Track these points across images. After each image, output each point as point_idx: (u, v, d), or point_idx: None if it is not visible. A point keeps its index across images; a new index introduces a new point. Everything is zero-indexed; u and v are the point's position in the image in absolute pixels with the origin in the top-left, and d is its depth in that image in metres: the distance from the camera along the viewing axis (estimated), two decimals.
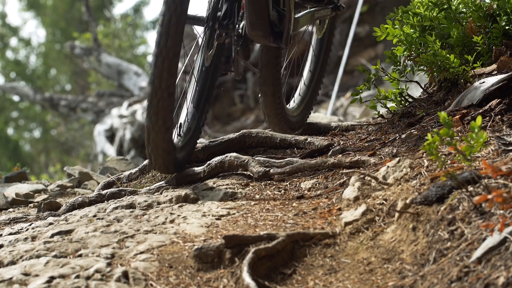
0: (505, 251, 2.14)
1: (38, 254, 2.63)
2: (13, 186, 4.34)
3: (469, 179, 2.51)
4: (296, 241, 2.60)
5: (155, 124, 3.27)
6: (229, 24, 3.44)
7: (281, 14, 3.70)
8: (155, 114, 3.26)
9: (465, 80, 3.71)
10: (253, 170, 3.47)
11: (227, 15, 3.47)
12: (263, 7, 3.59)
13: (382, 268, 2.44)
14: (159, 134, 3.27)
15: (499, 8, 3.77)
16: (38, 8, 23.43)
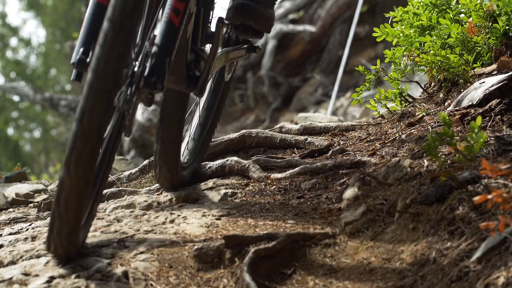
0: (505, 251, 2.14)
1: (38, 254, 2.63)
2: (13, 186, 4.34)
3: (469, 179, 2.51)
4: (296, 241, 2.60)
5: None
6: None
7: (198, 55, 3.09)
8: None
9: (465, 80, 3.71)
10: (254, 175, 3.46)
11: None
12: (182, 47, 2.95)
13: (382, 268, 2.44)
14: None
15: (499, 8, 3.77)
16: (38, 8, 23.42)
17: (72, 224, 2.42)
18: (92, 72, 2.33)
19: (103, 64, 2.32)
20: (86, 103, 2.32)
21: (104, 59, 2.32)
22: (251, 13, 3.24)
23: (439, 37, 3.83)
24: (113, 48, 2.32)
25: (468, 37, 3.82)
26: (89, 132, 2.33)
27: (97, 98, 2.32)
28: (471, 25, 3.82)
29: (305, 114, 5.80)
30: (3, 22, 23.75)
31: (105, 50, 2.32)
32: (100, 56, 2.32)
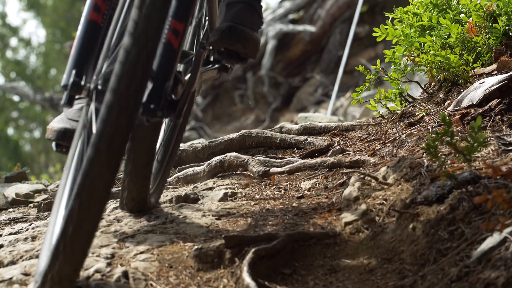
0: (505, 251, 2.14)
1: (38, 254, 2.63)
2: (13, 186, 4.34)
3: (469, 179, 2.51)
4: (296, 241, 2.60)
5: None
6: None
7: (176, 78, 2.78)
8: None
9: (465, 80, 3.71)
10: (253, 169, 3.47)
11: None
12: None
13: (382, 268, 2.44)
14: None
15: (499, 8, 3.77)
16: (38, 8, 23.42)
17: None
18: (113, 92, 2.05)
19: (124, 84, 2.05)
20: (105, 126, 2.05)
21: (126, 78, 2.06)
22: (240, 36, 2.94)
23: (439, 37, 3.83)
24: (137, 66, 2.06)
25: (468, 37, 3.82)
26: (109, 157, 2.07)
27: (119, 119, 2.06)
28: (471, 25, 3.82)
29: (305, 114, 5.80)
30: (3, 22, 23.75)
31: (127, 68, 2.06)
32: (122, 75, 2.05)
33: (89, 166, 2.04)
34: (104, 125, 2.04)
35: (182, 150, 4.06)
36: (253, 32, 3.00)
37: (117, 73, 2.06)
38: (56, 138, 2.81)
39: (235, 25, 2.94)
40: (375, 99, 3.94)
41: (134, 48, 2.06)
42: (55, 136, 2.81)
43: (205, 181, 3.52)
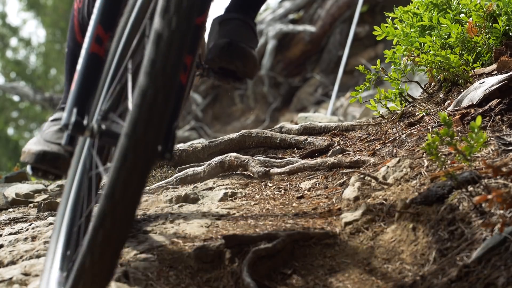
0: (505, 251, 2.14)
1: (38, 254, 2.63)
2: (13, 186, 4.34)
3: (469, 179, 2.51)
4: (296, 241, 2.60)
5: None
6: None
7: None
8: None
9: (465, 80, 3.71)
10: (253, 170, 3.47)
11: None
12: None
13: (382, 268, 2.44)
14: None
15: (499, 8, 3.77)
16: (38, 8, 23.42)
17: None
18: (128, 137, 1.82)
19: (141, 129, 1.82)
20: (119, 174, 1.83)
21: (143, 122, 1.83)
22: (240, 53, 2.68)
23: (439, 37, 3.83)
24: (154, 108, 1.83)
25: (468, 37, 3.82)
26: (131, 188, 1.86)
27: (135, 167, 1.84)
28: (471, 25, 3.82)
29: (305, 114, 5.81)
30: (3, 22, 23.75)
31: (144, 111, 1.83)
32: (138, 119, 1.82)
33: (102, 219, 1.82)
34: (119, 173, 1.82)
35: (182, 150, 4.07)
36: (252, 50, 2.77)
37: (133, 117, 1.82)
38: (35, 161, 2.68)
39: (234, 41, 2.70)
40: (375, 99, 3.94)
41: (151, 89, 1.82)
42: (33, 159, 2.68)
43: (205, 181, 3.52)
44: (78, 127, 2.11)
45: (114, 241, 1.83)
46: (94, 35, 2.21)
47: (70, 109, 2.15)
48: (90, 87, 2.17)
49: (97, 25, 2.19)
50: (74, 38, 2.83)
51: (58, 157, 2.72)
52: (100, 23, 2.19)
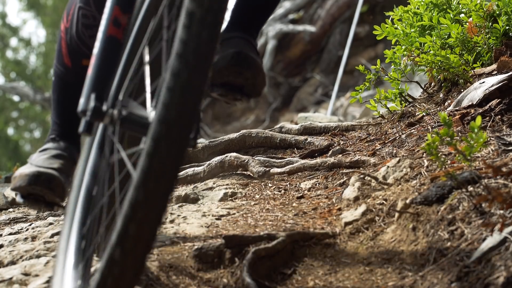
0: (505, 251, 2.14)
1: (38, 254, 2.63)
2: None
3: (469, 179, 2.51)
4: (296, 241, 2.60)
5: None
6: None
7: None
8: None
9: (465, 80, 3.71)
10: (253, 170, 3.47)
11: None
12: None
13: (382, 268, 2.44)
14: None
15: (499, 8, 3.77)
16: (38, 8, 23.43)
17: None
18: (161, 123, 1.73)
19: (175, 114, 1.72)
20: (151, 163, 1.73)
21: (177, 107, 1.73)
22: (250, 63, 2.45)
23: (439, 37, 3.83)
24: (188, 91, 1.73)
25: (468, 37, 3.82)
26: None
27: (169, 154, 1.74)
28: (471, 25, 3.82)
29: (305, 114, 5.81)
30: (3, 22, 23.75)
31: (178, 95, 1.73)
32: (171, 103, 1.72)
33: (133, 210, 1.71)
34: (151, 161, 1.71)
35: None
36: (261, 63, 2.53)
37: (166, 101, 1.72)
38: (28, 183, 2.47)
39: (243, 51, 2.46)
40: (375, 99, 3.95)
41: (185, 72, 1.73)
42: (27, 181, 2.46)
43: (205, 181, 3.53)
44: (97, 113, 1.95)
45: (146, 234, 1.73)
46: (111, 17, 2.07)
47: (88, 94, 2.00)
48: (108, 71, 2.05)
49: (114, 6, 2.07)
50: (62, 62, 2.60)
51: (53, 178, 2.51)
52: (117, 4, 2.08)
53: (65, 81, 2.54)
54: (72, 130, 2.54)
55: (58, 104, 2.64)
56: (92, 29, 2.49)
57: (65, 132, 2.63)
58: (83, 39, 2.52)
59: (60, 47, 2.57)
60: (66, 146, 2.59)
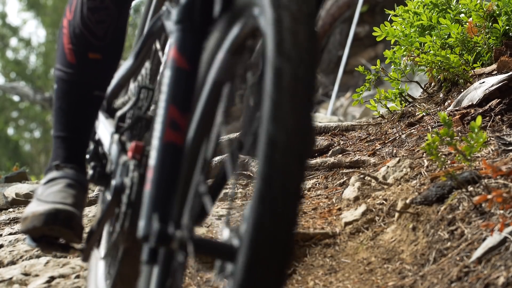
0: (505, 251, 2.14)
1: (38, 254, 2.63)
2: (13, 186, 4.34)
3: (469, 179, 2.51)
4: (296, 241, 2.60)
5: None
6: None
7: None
8: None
9: (465, 80, 3.71)
10: (253, 169, 3.47)
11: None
12: None
13: (382, 268, 2.44)
14: None
15: (499, 8, 3.77)
16: (38, 8, 23.43)
17: None
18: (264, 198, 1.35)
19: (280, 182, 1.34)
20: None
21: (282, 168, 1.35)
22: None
23: (439, 37, 3.83)
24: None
25: (468, 37, 3.82)
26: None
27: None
28: (471, 25, 3.83)
29: None
30: (3, 22, 23.76)
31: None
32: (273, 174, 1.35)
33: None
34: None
35: None
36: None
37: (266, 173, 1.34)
38: (45, 222, 2.03)
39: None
40: (375, 99, 3.94)
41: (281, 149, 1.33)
42: (43, 220, 2.03)
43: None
44: (163, 237, 1.55)
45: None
46: (167, 120, 1.67)
47: (149, 215, 1.61)
48: (170, 185, 1.67)
49: (169, 105, 1.67)
50: (64, 61, 2.18)
51: (73, 216, 2.06)
52: (173, 103, 1.67)
53: (69, 82, 2.16)
54: (79, 149, 2.17)
55: (63, 113, 2.21)
56: (99, 12, 2.11)
57: (71, 153, 2.18)
58: (89, 25, 2.12)
59: (61, 45, 2.17)
60: (73, 173, 2.15)
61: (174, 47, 1.68)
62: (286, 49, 1.34)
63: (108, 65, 2.16)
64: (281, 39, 1.35)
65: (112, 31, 2.11)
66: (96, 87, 2.15)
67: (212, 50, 1.65)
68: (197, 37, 1.70)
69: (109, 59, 2.15)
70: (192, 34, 1.70)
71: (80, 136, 2.18)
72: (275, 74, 1.33)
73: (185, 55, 1.68)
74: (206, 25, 1.69)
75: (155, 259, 1.59)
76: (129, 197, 1.91)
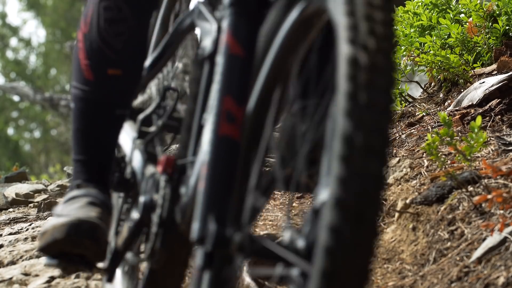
0: (505, 251, 2.14)
1: (38, 254, 2.63)
2: (13, 186, 4.34)
3: (469, 179, 2.51)
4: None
5: None
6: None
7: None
8: None
9: (465, 80, 3.71)
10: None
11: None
12: None
13: (382, 268, 2.44)
14: None
15: (499, 8, 3.78)
16: (38, 8, 23.43)
17: None
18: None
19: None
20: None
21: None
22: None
23: (439, 37, 3.83)
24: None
25: (468, 37, 3.82)
26: None
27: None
28: (471, 25, 3.83)
29: None
30: (3, 22, 23.77)
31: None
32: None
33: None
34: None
35: None
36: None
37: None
38: (68, 233, 1.83)
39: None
40: None
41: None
42: (65, 232, 1.83)
43: None
44: (220, 240, 1.40)
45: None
46: (222, 111, 1.51)
47: (204, 216, 1.45)
48: (226, 183, 1.51)
49: (224, 96, 1.52)
50: (81, 78, 1.98)
51: (97, 227, 1.87)
52: (228, 93, 1.52)
53: (88, 101, 1.96)
54: (102, 170, 1.99)
55: (82, 135, 2.01)
56: (117, 24, 1.93)
57: (94, 174, 2.00)
58: (106, 39, 1.94)
59: (77, 61, 1.98)
60: (97, 192, 1.96)
61: (227, 32, 1.53)
62: (361, 36, 1.19)
63: (129, 81, 1.97)
64: (354, 24, 1.20)
65: (132, 44, 1.93)
66: (117, 106, 1.96)
67: (267, 37, 1.50)
68: (252, 21, 1.55)
69: (130, 75, 1.96)
70: (246, 17, 1.56)
71: (102, 159, 1.99)
72: (350, 65, 1.18)
73: (239, 40, 1.53)
74: (261, 8, 1.55)
75: (210, 264, 1.43)
76: (160, 216, 1.74)
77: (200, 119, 1.69)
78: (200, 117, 1.69)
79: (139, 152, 1.97)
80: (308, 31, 1.42)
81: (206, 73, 1.68)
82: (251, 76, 1.52)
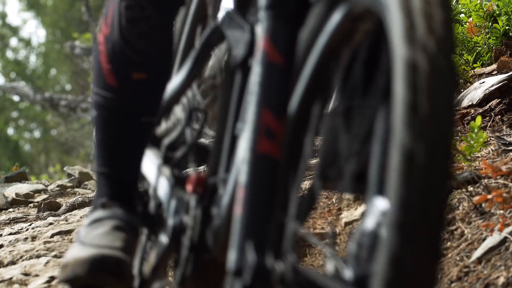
0: (505, 251, 2.14)
1: (38, 254, 2.63)
2: (13, 186, 4.34)
3: (469, 179, 2.51)
4: (296, 241, 2.60)
5: None
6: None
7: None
8: None
9: (465, 80, 3.71)
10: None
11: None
12: None
13: None
14: None
15: (499, 8, 3.78)
16: (38, 8, 23.43)
17: None
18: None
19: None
20: None
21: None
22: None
23: None
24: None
25: (468, 37, 3.82)
26: None
27: None
28: (471, 25, 3.83)
29: None
30: (3, 22, 23.77)
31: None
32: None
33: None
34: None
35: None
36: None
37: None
38: (90, 271, 1.70)
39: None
40: None
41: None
42: (88, 269, 1.70)
43: None
44: (260, 271, 1.26)
45: None
46: (260, 127, 1.33)
47: (241, 244, 1.30)
48: (267, 205, 1.36)
49: (262, 109, 1.34)
50: (103, 84, 1.82)
51: (122, 263, 1.74)
52: (267, 106, 1.34)
53: (111, 109, 1.81)
54: (127, 186, 1.86)
55: (105, 146, 1.87)
56: (140, 24, 1.79)
57: (119, 190, 1.86)
58: (129, 40, 1.78)
59: (98, 65, 1.82)
60: (123, 213, 1.83)
61: (265, 38, 1.36)
62: (420, 36, 1.07)
63: (156, 86, 1.82)
64: (412, 24, 1.08)
65: (157, 45, 1.79)
66: (143, 113, 1.82)
67: (307, 42, 1.37)
68: (291, 25, 1.39)
69: (156, 78, 1.81)
70: (285, 21, 1.39)
71: (128, 171, 1.86)
72: (408, 69, 1.05)
73: (278, 47, 1.36)
74: (300, 9, 1.40)
75: None
76: (191, 239, 1.59)
77: (233, 132, 1.56)
78: (232, 131, 1.56)
79: (165, 178, 1.83)
80: (353, 35, 1.30)
81: (239, 82, 1.56)
82: (291, 86, 1.38)
